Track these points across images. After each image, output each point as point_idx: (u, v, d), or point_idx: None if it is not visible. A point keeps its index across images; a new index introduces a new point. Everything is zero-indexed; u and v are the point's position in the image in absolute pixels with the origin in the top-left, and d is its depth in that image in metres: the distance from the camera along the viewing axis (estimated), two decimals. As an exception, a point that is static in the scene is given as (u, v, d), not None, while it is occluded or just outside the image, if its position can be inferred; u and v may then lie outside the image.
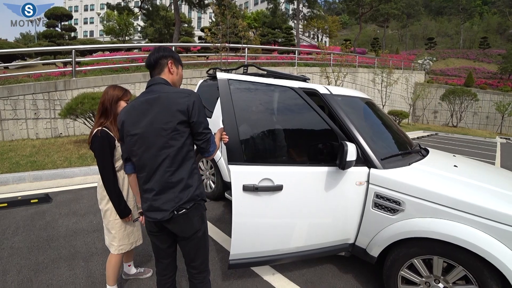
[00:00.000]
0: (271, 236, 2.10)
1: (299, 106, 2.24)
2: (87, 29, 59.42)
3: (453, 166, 2.40)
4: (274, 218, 2.06)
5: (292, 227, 2.14)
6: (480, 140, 15.86)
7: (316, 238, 2.23)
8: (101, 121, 1.88)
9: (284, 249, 2.16)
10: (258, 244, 2.08)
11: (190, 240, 1.53)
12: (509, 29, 48.94)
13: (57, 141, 6.91)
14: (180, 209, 1.44)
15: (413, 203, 1.93)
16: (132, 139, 1.46)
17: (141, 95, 1.53)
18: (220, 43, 10.18)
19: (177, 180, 1.44)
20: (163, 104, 1.42)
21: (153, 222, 1.50)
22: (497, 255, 1.60)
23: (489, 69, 32.83)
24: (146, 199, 1.50)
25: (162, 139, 1.41)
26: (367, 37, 56.23)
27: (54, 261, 2.51)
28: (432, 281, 1.90)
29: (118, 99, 1.90)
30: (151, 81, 1.54)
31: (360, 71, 19.34)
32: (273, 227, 2.08)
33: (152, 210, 1.47)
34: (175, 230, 1.51)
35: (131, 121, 1.47)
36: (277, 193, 1.98)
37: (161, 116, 1.41)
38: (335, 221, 2.23)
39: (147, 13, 23.62)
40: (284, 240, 2.14)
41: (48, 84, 7.67)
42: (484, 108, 24.57)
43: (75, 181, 4.74)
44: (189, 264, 1.62)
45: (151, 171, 1.44)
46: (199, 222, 1.54)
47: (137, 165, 1.50)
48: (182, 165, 1.45)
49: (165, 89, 1.48)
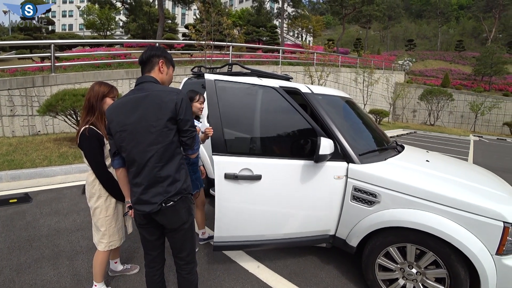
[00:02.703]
0: (252, 222, 2.25)
1: (279, 104, 2.38)
2: (66, 22, 56.90)
3: (425, 161, 2.57)
4: (255, 205, 2.21)
5: (272, 215, 2.27)
6: (455, 138, 16.67)
7: (297, 227, 2.36)
8: (88, 118, 1.88)
9: (265, 235, 2.31)
10: (240, 229, 2.24)
11: (177, 231, 1.60)
12: (483, 33, 51.35)
13: (35, 139, 6.67)
14: (168, 201, 1.50)
15: (388, 195, 2.07)
16: (121, 135, 1.50)
17: (130, 92, 1.57)
18: (205, 41, 10.12)
19: (165, 175, 1.49)
20: (152, 102, 1.47)
21: (142, 214, 1.55)
22: (462, 240, 1.77)
23: (464, 71, 34.34)
24: (135, 193, 1.55)
25: (151, 136, 1.46)
26: (350, 38, 57.34)
27: (37, 261, 2.47)
28: (406, 267, 2.05)
29: (104, 96, 1.91)
30: (140, 78, 1.58)
31: (342, 70, 19.75)
32: (254, 214, 2.23)
33: (141, 203, 1.52)
34: (163, 222, 1.56)
35: (120, 117, 1.50)
36: (256, 182, 2.14)
37: (150, 113, 1.46)
38: (315, 212, 2.36)
39: (130, 8, 23.06)
40: (264, 227, 2.28)
41: (25, 79, 7.37)
42: (459, 107, 25.75)
43: (56, 180, 4.62)
44: (177, 256, 1.68)
45: (140, 166, 1.49)
46: (186, 214, 1.60)
47: (127, 160, 1.54)
48: (170, 160, 1.51)
49: (154, 87, 1.53)
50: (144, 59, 1.60)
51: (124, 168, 1.61)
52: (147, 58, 1.60)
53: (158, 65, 1.61)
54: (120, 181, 1.66)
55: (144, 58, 1.60)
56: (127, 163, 1.56)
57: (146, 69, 1.61)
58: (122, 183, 1.66)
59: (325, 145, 2.06)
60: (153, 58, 1.60)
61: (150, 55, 1.59)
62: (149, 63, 1.60)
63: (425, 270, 1.98)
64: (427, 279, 1.97)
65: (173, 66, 1.73)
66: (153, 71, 1.61)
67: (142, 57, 1.61)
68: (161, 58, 1.61)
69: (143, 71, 1.62)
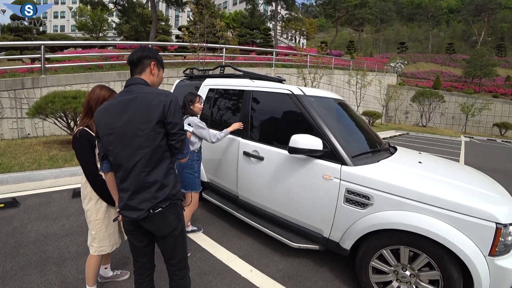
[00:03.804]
0: (258, 191, 2.88)
1: (281, 106, 2.83)
2: (57, 23, 56.20)
3: (418, 163, 2.58)
4: (260, 179, 2.84)
5: (271, 190, 2.74)
6: (446, 139, 16.90)
7: (289, 210, 2.65)
8: (85, 120, 1.88)
9: (265, 205, 2.86)
10: (250, 192, 2.99)
11: (167, 238, 1.55)
12: (473, 36, 52.42)
13: (25, 142, 6.53)
14: (155, 208, 1.45)
15: (381, 197, 2.06)
16: (109, 138, 1.45)
17: (118, 94, 1.53)
18: (198, 43, 10.08)
19: (153, 180, 1.45)
20: (141, 104, 1.43)
21: (129, 221, 1.51)
22: (455, 242, 1.77)
23: (454, 73, 34.96)
24: (122, 198, 1.50)
25: (139, 139, 1.42)
26: (343, 40, 57.89)
27: (24, 268, 2.40)
28: (399, 269, 2.04)
29: (104, 99, 1.89)
30: (130, 80, 1.54)
31: (335, 72, 19.89)
32: (260, 185, 2.85)
33: (128, 209, 1.47)
34: (151, 229, 1.52)
35: (107, 120, 1.46)
36: (260, 161, 2.81)
37: (138, 116, 1.42)
38: (305, 202, 2.49)
39: (123, 10, 22.83)
40: (266, 198, 2.81)
41: (15, 81, 7.22)
42: (450, 109, 26.17)
43: (45, 184, 4.51)
44: (169, 262, 1.64)
45: (127, 171, 1.45)
46: (176, 221, 1.55)
47: (114, 164, 1.50)
48: (158, 165, 1.46)
49: (143, 89, 1.49)
50: (134, 60, 1.54)
51: (112, 172, 1.56)
52: (138, 59, 1.54)
53: (150, 67, 1.56)
54: (109, 185, 1.61)
55: (134, 59, 1.54)
56: (114, 167, 1.51)
57: (137, 70, 1.56)
58: (111, 187, 1.62)
59: (295, 139, 2.29)
60: (145, 59, 1.55)
61: (142, 56, 1.54)
62: (140, 65, 1.55)
63: (418, 272, 1.97)
64: (421, 281, 1.97)
65: (163, 68, 1.69)
66: (144, 73, 1.56)
67: (132, 58, 1.55)
68: (153, 60, 1.56)
69: (133, 72, 1.57)
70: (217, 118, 3.53)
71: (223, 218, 3.54)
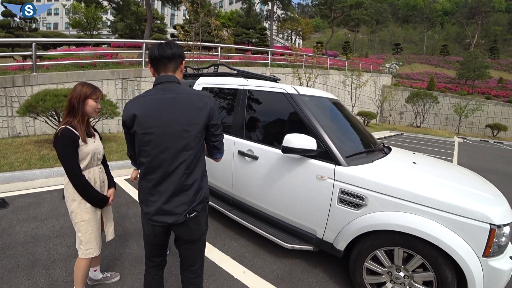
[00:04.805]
0: (252, 189, 2.86)
1: (275, 105, 2.80)
2: (51, 20, 55.39)
3: (412, 163, 2.57)
4: (254, 178, 2.81)
5: (265, 190, 2.72)
6: (440, 139, 17.07)
7: (282, 210, 2.63)
8: (68, 119, 1.80)
9: (258, 205, 2.83)
10: (245, 191, 2.95)
11: (195, 243, 1.51)
12: (466, 38, 53.05)
13: (15, 141, 6.41)
14: (192, 212, 1.41)
15: (375, 198, 2.04)
16: (145, 137, 1.36)
17: (151, 91, 1.42)
18: (193, 42, 10.01)
19: (192, 182, 1.40)
20: (185, 105, 1.36)
21: (160, 226, 1.43)
22: (449, 243, 1.75)
23: (448, 74, 35.33)
24: (154, 202, 1.39)
25: (183, 141, 1.35)
26: (339, 41, 58.12)
27: (11, 270, 2.33)
28: (393, 271, 2.03)
29: (86, 97, 1.82)
30: (164, 78, 1.43)
31: (331, 73, 19.95)
32: (254, 184, 2.82)
33: (162, 214, 1.39)
34: (183, 234, 1.46)
35: (146, 118, 1.35)
36: (255, 161, 2.77)
37: (183, 118, 1.35)
38: (299, 203, 2.46)
39: (117, 7, 22.64)
40: (260, 198, 2.79)
41: (5, 79, 7.08)
42: (444, 110, 26.43)
43: (36, 184, 4.42)
44: (188, 269, 1.58)
45: (167, 173, 1.36)
46: (206, 224, 1.54)
47: (148, 166, 1.39)
48: (196, 167, 1.42)
49: (182, 89, 1.42)
50: (169, 55, 1.42)
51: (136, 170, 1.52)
52: (172, 55, 1.43)
53: (182, 65, 1.49)
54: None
55: (169, 55, 1.42)
56: (147, 169, 1.40)
57: (170, 67, 1.45)
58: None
59: (289, 139, 2.26)
60: (178, 57, 1.45)
61: (176, 53, 1.44)
62: (173, 62, 1.44)
63: (412, 274, 1.96)
64: (414, 283, 1.95)
65: None
66: (177, 71, 1.48)
67: (165, 53, 1.41)
68: (183, 59, 1.50)
69: (164, 68, 1.45)
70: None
71: (217, 218, 3.50)
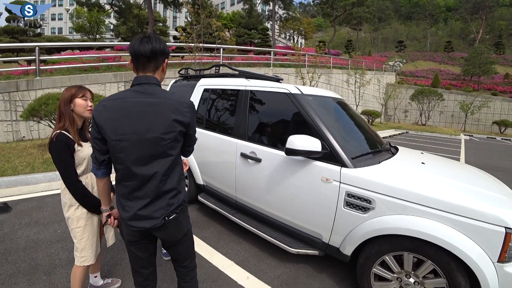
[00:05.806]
0: (255, 192, 2.79)
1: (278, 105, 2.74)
2: (55, 25, 56.12)
3: (421, 163, 2.48)
4: (258, 181, 2.74)
5: (269, 193, 2.64)
6: (446, 137, 16.84)
7: (286, 214, 2.55)
8: (60, 124, 1.77)
9: (262, 208, 2.77)
10: (248, 194, 2.89)
11: (180, 243, 1.51)
12: (471, 34, 52.43)
13: (19, 145, 6.42)
14: (170, 214, 1.38)
15: (383, 201, 1.96)
16: (119, 144, 1.28)
17: (128, 93, 1.31)
18: (195, 43, 9.99)
19: (169, 188, 1.37)
20: (163, 112, 1.29)
21: (137, 231, 1.39)
22: (462, 248, 1.67)
23: (453, 71, 34.97)
24: (130, 207, 1.35)
25: (160, 149, 1.31)
26: (341, 39, 57.87)
27: (12, 276, 2.30)
28: (403, 277, 1.95)
29: (72, 98, 1.78)
30: (143, 78, 1.32)
31: (334, 72, 19.82)
32: (257, 187, 2.75)
33: (139, 219, 1.35)
34: (164, 236, 1.44)
35: (118, 122, 1.27)
36: (258, 163, 2.69)
37: (160, 125, 1.28)
38: (304, 207, 2.39)
39: (119, 11, 22.75)
40: (264, 201, 2.72)
41: (9, 83, 7.11)
42: (449, 107, 26.13)
43: (39, 188, 4.41)
44: (181, 266, 1.60)
45: (144, 180, 1.32)
46: (187, 224, 1.53)
47: (124, 173, 1.33)
48: (173, 172, 1.39)
49: (162, 93, 1.32)
50: (148, 53, 1.28)
51: (108, 177, 1.47)
52: (152, 52, 1.29)
53: (164, 64, 1.37)
54: (102, 191, 1.50)
55: (148, 52, 1.28)
56: (123, 176, 1.34)
57: (150, 67, 1.33)
58: (104, 193, 1.50)
59: (292, 140, 2.18)
60: (160, 55, 1.32)
61: (157, 49, 1.30)
62: (154, 60, 1.32)
63: (423, 280, 1.87)
64: (425, 289, 1.87)
65: None
66: (158, 71, 1.36)
67: (145, 49, 1.27)
68: (167, 57, 1.38)
69: (143, 67, 1.33)
70: (213, 119, 3.43)
71: (220, 222, 3.44)
